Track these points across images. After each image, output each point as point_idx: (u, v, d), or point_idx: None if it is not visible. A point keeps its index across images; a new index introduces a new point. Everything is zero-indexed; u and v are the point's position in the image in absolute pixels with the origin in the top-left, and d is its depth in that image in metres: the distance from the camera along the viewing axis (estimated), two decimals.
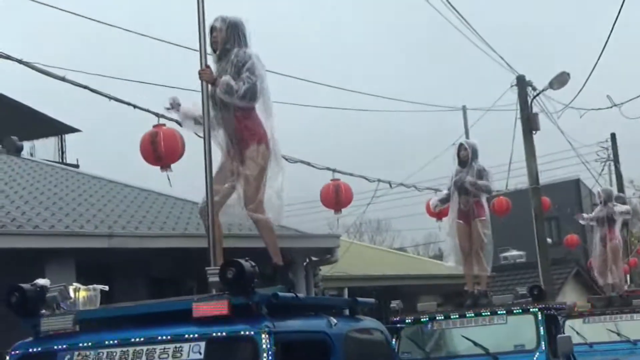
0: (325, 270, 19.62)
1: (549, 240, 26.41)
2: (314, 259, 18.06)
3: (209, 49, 7.67)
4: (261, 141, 7.68)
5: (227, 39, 7.75)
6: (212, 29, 7.76)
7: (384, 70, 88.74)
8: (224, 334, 5.29)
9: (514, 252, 34.73)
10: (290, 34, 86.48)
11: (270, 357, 5.13)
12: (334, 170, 16.28)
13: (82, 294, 6.40)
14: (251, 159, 7.61)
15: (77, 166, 25.98)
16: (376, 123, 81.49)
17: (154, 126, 11.78)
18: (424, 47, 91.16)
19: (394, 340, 11.61)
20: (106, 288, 6.57)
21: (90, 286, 6.47)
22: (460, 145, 13.72)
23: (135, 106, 12.71)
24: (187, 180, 10.92)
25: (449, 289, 24.25)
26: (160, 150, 11.43)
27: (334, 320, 6.14)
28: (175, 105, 8.13)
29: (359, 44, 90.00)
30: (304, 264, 17.67)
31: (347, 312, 7.04)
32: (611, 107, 22.07)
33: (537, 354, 11.39)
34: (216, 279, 5.68)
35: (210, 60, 7.70)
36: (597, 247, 19.02)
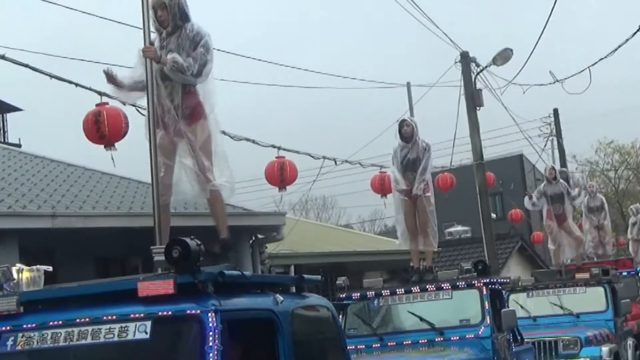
0: (271, 248, 19.65)
1: (493, 215, 26.65)
2: (260, 236, 18.08)
3: (153, 27, 7.60)
4: (204, 117, 7.64)
5: (179, 14, 7.67)
6: (159, 6, 7.65)
7: (331, 48, 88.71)
8: (169, 313, 5.28)
9: (459, 228, 35.07)
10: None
11: (216, 336, 5.13)
12: (278, 148, 16.28)
13: (26, 275, 6.33)
14: (198, 133, 7.57)
15: (19, 145, 25.68)
16: (323, 100, 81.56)
17: (97, 105, 11.68)
18: (370, 25, 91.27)
19: (340, 316, 11.71)
20: (50, 269, 6.51)
21: (34, 267, 6.41)
22: (403, 121, 13.75)
23: (77, 84, 12.57)
24: (131, 158, 10.84)
25: (395, 265, 24.44)
26: (103, 129, 11.34)
27: (280, 297, 6.16)
28: (109, 73, 7.90)
29: (309, 20, 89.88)
30: (250, 242, 17.69)
31: (293, 289, 7.06)
32: (553, 82, 22.24)
33: (482, 328, 11.51)
34: (162, 257, 5.65)
35: (155, 38, 7.63)
36: (549, 222, 19.03)
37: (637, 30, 14.14)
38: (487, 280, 12.19)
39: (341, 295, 12.66)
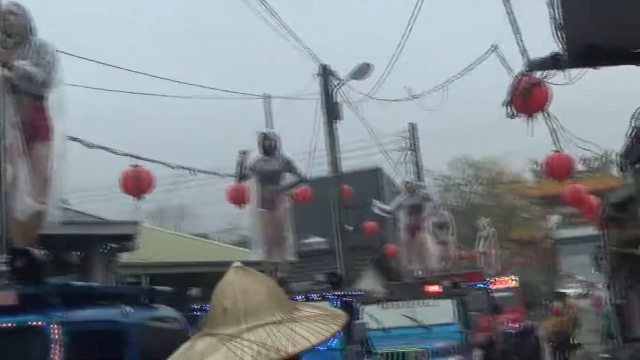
0: (125, 257, 19.35)
1: (349, 227, 26.98)
2: (113, 246, 17.80)
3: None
4: (49, 136, 7.46)
5: (25, 25, 7.54)
6: (7, 12, 7.48)
7: (192, 59, 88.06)
8: (12, 324, 5.15)
9: (316, 239, 35.28)
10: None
11: (60, 348, 5.03)
12: (134, 157, 16.07)
13: None
14: (40, 151, 7.38)
15: None
16: (179, 109, 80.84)
17: None
18: (223, 35, 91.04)
19: (193, 328, 11.63)
20: None
21: None
22: (265, 134, 13.83)
23: None
24: None
25: None
26: None
27: (128, 309, 6.08)
28: None
29: (170, 29, 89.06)
30: (103, 251, 17.39)
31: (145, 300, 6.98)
32: (410, 98, 22.69)
33: (333, 340, 11.62)
34: (5, 267, 5.52)
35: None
36: (404, 235, 19.39)
37: (489, 52, 14.65)
38: (340, 292, 12.34)
39: (194, 307, 12.59)
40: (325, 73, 22.39)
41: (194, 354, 2.36)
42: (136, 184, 15.62)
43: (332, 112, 22.27)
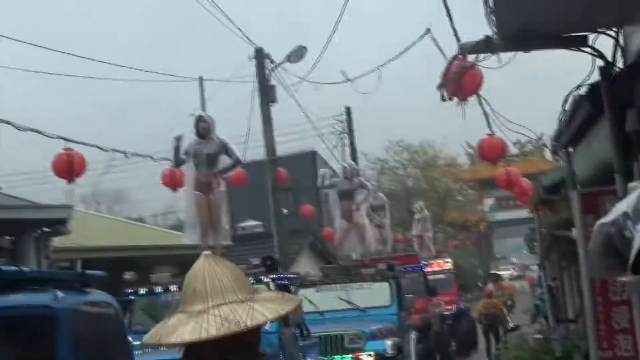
0: (58, 241, 19.13)
1: (285, 211, 26.99)
2: (45, 230, 17.58)
3: None
4: None
5: None
6: None
7: (129, 40, 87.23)
8: None
9: (251, 223, 35.27)
10: None
11: None
12: (66, 139, 15.88)
13: None
14: None
15: None
16: (113, 92, 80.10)
17: None
18: (158, 17, 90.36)
19: (127, 312, 11.57)
20: None
21: None
22: (200, 117, 13.77)
23: None
24: None
25: (187, 259, 24.27)
26: None
27: (59, 294, 6.02)
28: None
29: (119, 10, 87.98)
30: (35, 235, 17.17)
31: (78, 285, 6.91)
32: (345, 81, 22.69)
33: (269, 322, 11.64)
34: None
35: None
36: (340, 219, 19.45)
37: (424, 34, 14.70)
38: (275, 275, 12.36)
39: (128, 291, 12.53)
40: (260, 56, 22.33)
41: (167, 327, 2.85)
42: (68, 167, 15.44)
43: (267, 95, 22.23)
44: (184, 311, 2.87)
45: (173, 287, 12.45)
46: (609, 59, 7.49)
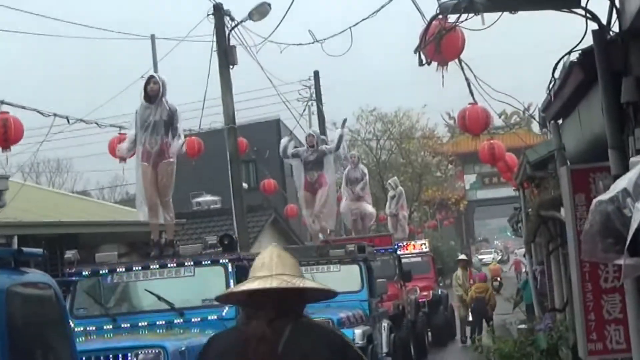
0: None
1: (245, 185, 26.98)
2: None
3: None
4: None
5: None
6: None
7: None
8: None
9: (208, 198, 35.21)
10: None
11: None
12: (1, 102, 15.76)
13: None
14: None
15: None
16: (65, 51, 79.45)
17: None
18: None
19: (68, 295, 11.54)
20: None
21: None
22: (151, 77, 13.67)
23: None
24: None
25: (135, 237, 24.26)
26: None
27: None
28: None
29: None
30: None
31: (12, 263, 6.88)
32: (313, 42, 22.57)
33: (226, 309, 11.67)
34: None
35: None
36: (303, 192, 19.48)
37: None
38: (234, 256, 12.36)
39: (70, 271, 12.47)
40: (220, 13, 22.16)
41: (238, 287, 4.75)
42: (3, 133, 15.33)
43: (226, 56, 22.08)
44: (251, 277, 4.47)
45: (120, 268, 12.41)
46: (604, 22, 7.51)
